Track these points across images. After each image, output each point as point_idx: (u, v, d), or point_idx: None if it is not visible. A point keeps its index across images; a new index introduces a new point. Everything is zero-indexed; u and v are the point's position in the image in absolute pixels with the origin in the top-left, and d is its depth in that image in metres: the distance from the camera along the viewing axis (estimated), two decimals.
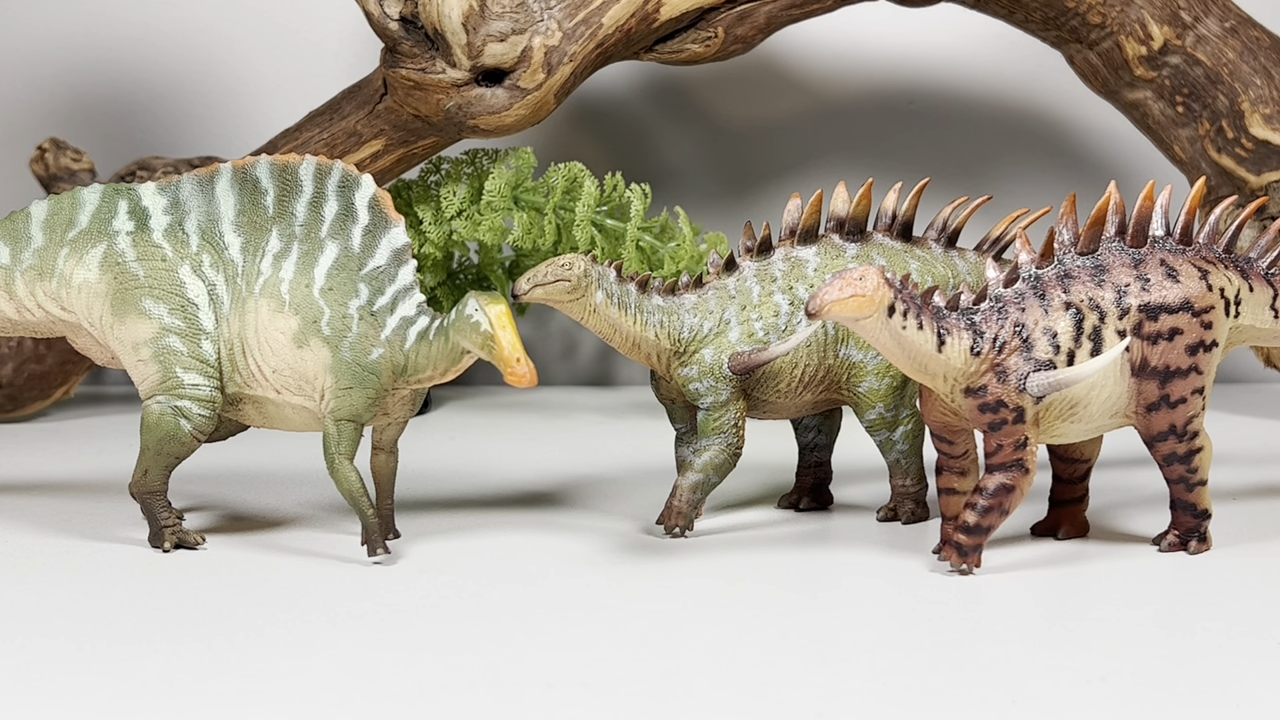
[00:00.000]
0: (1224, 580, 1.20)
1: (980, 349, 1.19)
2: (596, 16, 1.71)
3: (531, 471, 1.60)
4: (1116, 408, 1.23)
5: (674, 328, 1.32)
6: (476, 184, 1.83)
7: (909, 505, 1.38)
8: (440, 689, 0.97)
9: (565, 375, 2.21)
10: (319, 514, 1.41)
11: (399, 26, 1.67)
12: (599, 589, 1.19)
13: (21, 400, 1.89)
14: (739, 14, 1.77)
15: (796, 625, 1.09)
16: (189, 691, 0.97)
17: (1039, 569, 1.24)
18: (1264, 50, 1.83)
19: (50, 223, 1.32)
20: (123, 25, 2.17)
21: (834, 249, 1.35)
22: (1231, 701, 0.95)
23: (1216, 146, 1.83)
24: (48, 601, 1.16)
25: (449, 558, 1.27)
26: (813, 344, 1.33)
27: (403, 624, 1.10)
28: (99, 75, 2.17)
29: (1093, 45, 1.83)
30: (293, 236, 1.28)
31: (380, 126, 1.75)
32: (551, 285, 1.27)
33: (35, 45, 2.17)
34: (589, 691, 0.97)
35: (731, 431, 1.32)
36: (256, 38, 2.17)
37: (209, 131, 2.16)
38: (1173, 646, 1.05)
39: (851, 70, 2.18)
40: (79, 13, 2.17)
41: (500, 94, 1.69)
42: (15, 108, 2.17)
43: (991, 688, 0.97)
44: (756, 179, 2.20)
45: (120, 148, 2.14)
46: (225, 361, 1.28)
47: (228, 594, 1.17)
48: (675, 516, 1.32)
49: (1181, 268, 1.24)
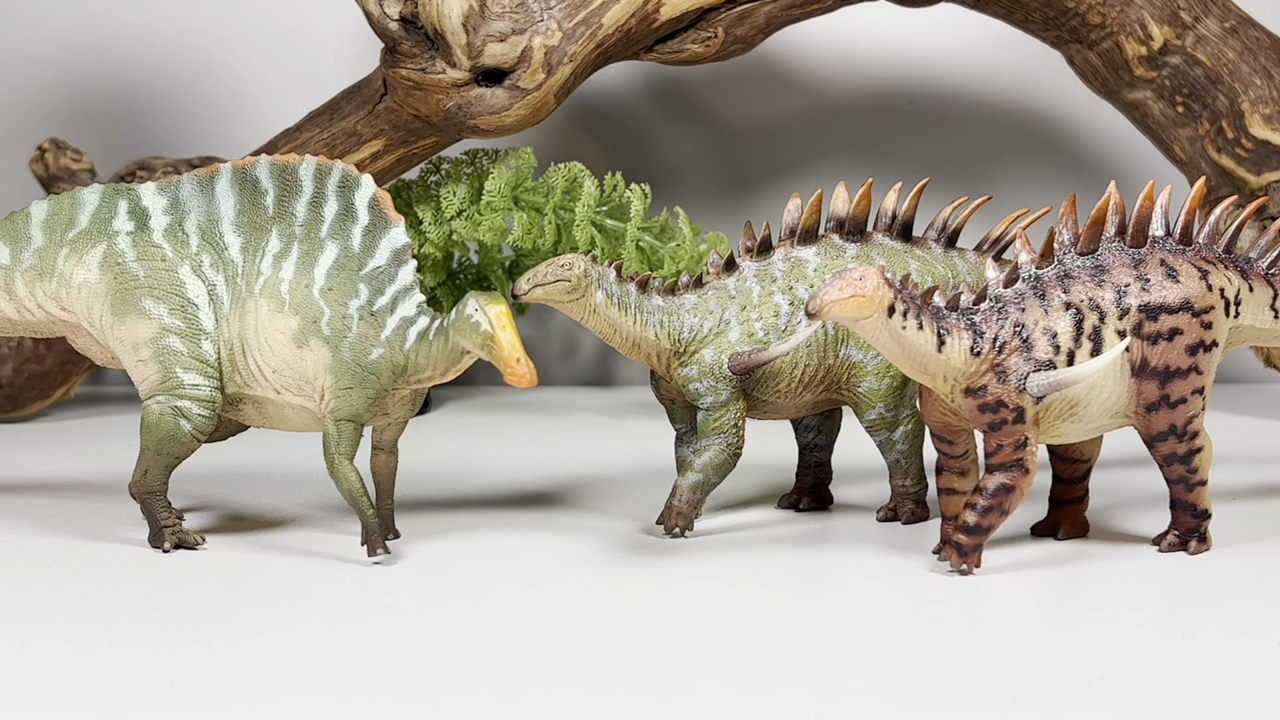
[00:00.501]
0: (1224, 580, 1.20)
1: (980, 349, 1.19)
2: (596, 16, 1.71)
3: (531, 471, 1.60)
4: (1116, 408, 1.23)
5: (674, 328, 1.32)
6: (476, 184, 1.83)
7: (909, 505, 1.38)
8: (440, 689, 0.97)
9: (565, 375, 2.21)
10: (319, 514, 1.41)
11: (399, 26, 1.67)
12: (599, 589, 1.19)
13: (21, 400, 1.89)
14: (739, 14, 1.77)
15: (796, 625, 1.09)
16: (189, 691, 0.97)
17: (1039, 569, 1.24)
18: (1264, 50, 1.83)
19: (50, 223, 1.32)
20: (123, 25, 2.17)
21: (834, 249, 1.35)
22: (1231, 701, 0.95)
23: (1216, 146, 1.83)
24: (48, 601, 1.16)
25: (449, 558, 1.27)
26: (813, 344, 1.33)
27: (403, 624, 1.10)
28: (99, 75, 2.17)
29: (1093, 45, 1.83)
30: (293, 236, 1.28)
31: (380, 126, 1.75)
32: (551, 285, 1.27)
33: (35, 45, 2.17)
34: (589, 691, 0.97)
35: (731, 431, 1.32)
36: (256, 38, 2.17)
37: (209, 131, 2.16)
38: (1173, 646, 1.05)
39: (851, 70, 2.18)
40: (79, 13, 2.17)
41: (500, 94, 1.69)
42: (15, 108, 2.17)
43: (991, 688, 0.97)
44: (756, 179, 2.20)
45: (120, 148, 2.14)
46: (225, 362, 1.28)
47: (228, 594, 1.17)
48: (675, 516, 1.32)
49: (1181, 268, 1.24)
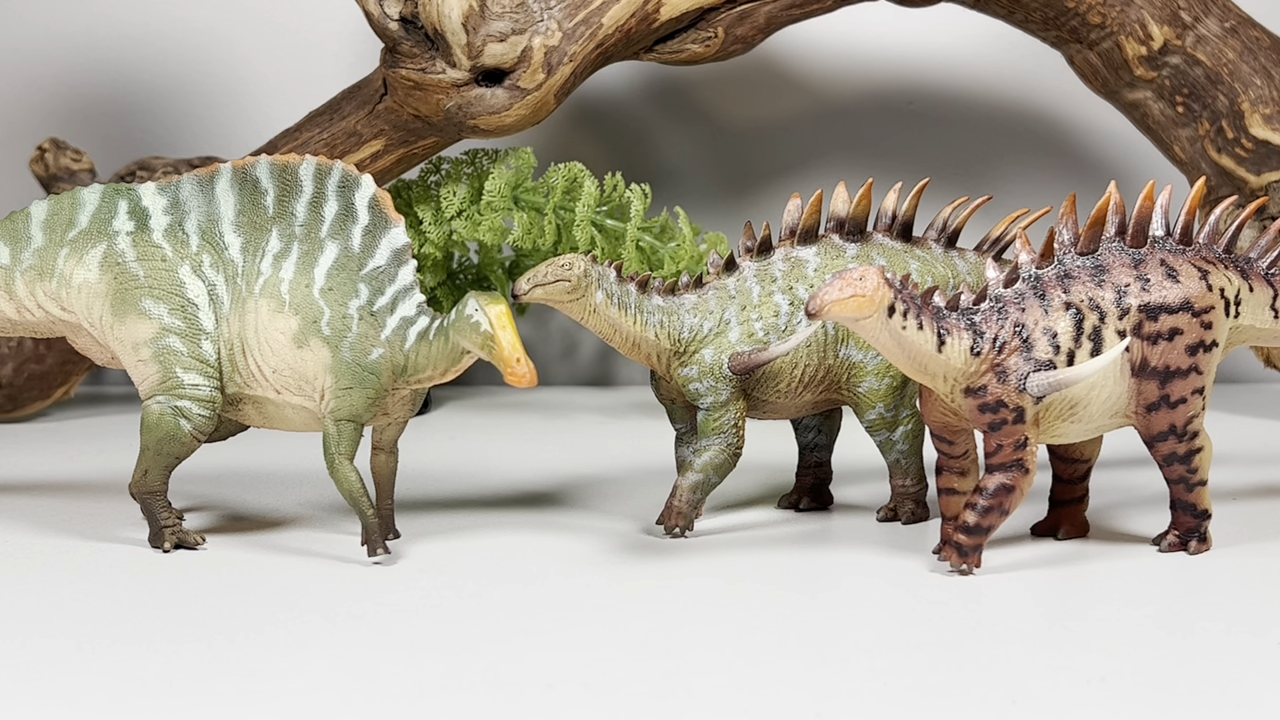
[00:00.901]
0: (1224, 580, 1.20)
1: (980, 349, 1.19)
2: (596, 16, 1.71)
3: (531, 471, 1.60)
4: (1116, 408, 1.23)
5: (674, 328, 1.32)
6: (476, 184, 1.83)
7: (909, 505, 1.38)
8: (440, 689, 0.97)
9: (565, 375, 2.21)
10: (319, 514, 1.41)
11: (399, 26, 1.67)
12: (599, 589, 1.19)
13: (21, 400, 1.89)
14: (739, 14, 1.77)
15: (796, 625, 1.09)
16: (189, 691, 0.97)
17: (1039, 569, 1.24)
18: (1264, 50, 1.83)
19: (50, 223, 1.32)
20: (123, 25, 2.17)
21: (834, 249, 1.35)
22: (1231, 701, 0.95)
23: (1216, 146, 1.83)
24: (48, 601, 1.16)
25: (449, 558, 1.27)
26: (813, 344, 1.33)
27: (403, 624, 1.10)
28: (99, 75, 2.17)
29: (1093, 45, 1.83)
30: (293, 236, 1.28)
31: (380, 126, 1.75)
32: (551, 285, 1.27)
33: (35, 45, 2.17)
34: (589, 691, 0.97)
35: (731, 431, 1.32)
36: (256, 38, 2.17)
37: (209, 131, 2.16)
38: (1173, 646, 1.05)
39: (851, 70, 2.18)
40: (79, 13, 2.17)
41: (500, 94, 1.69)
42: (15, 108, 2.17)
43: (991, 688, 0.97)
44: (756, 179, 2.20)
45: (120, 148, 2.14)
46: (225, 361, 1.28)
47: (228, 594, 1.17)
48: (675, 516, 1.32)
49: (1181, 268, 1.24)
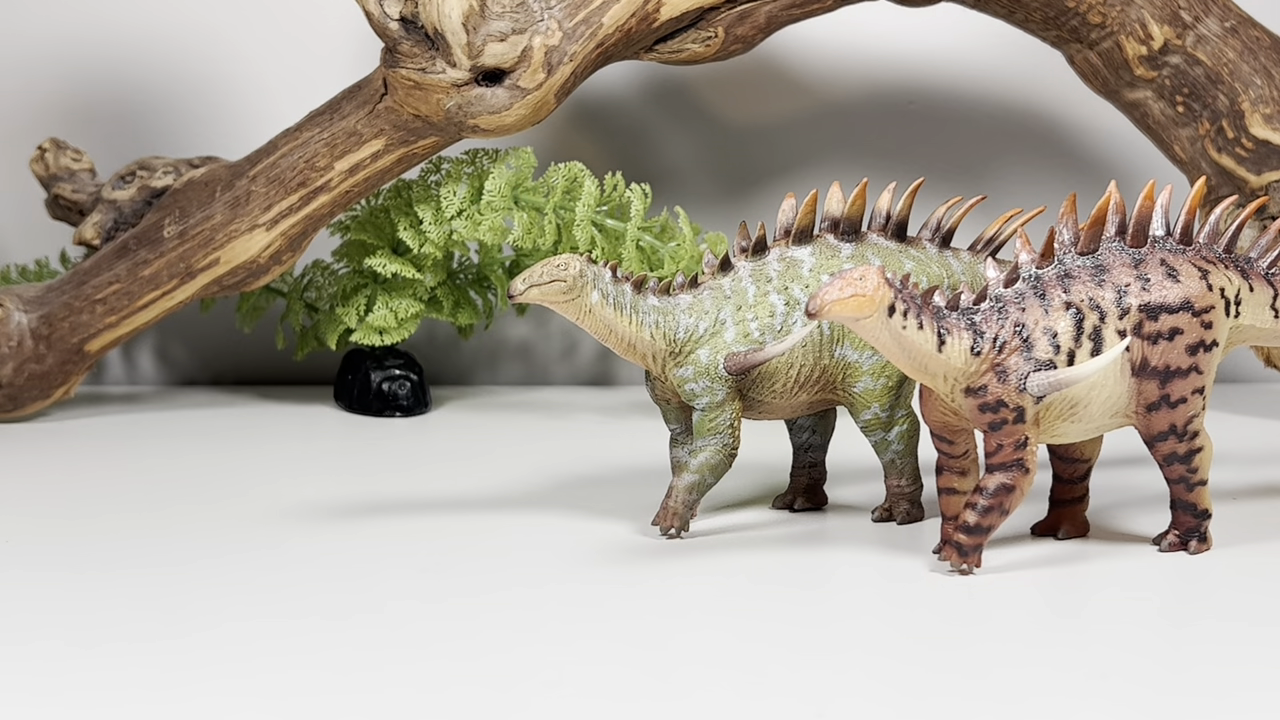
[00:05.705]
0: (1224, 580, 1.20)
1: (980, 349, 1.19)
2: (597, 16, 1.71)
3: (531, 471, 1.60)
4: (1117, 408, 1.23)
5: (669, 328, 1.31)
6: (476, 184, 1.83)
7: (904, 506, 1.37)
8: (441, 688, 0.97)
9: (565, 375, 2.21)
10: (322, 514, 1.41)
11: (399, 26, 1.67)
12: (599, 589, 1.19)
13: (21, 400, 1.89)
14: (739, 14, 1.77)
15: (795, 625, 1.09)
16: (189, 691, 0.97)
17: (1039, 569, 1.24)
18: (1264, 50, 1.83)
19: None
20: (123, 25, 2.17)
21: (829, 249, 1.35)
22: (1232, 701, 0.95)
23: (1217, 146, 1.82)
24: (49, 601, 1.16)
25: (449, 558, 1.27)
26: (808, 344, 1.33)
27: (403, 624, 1.10)
28: (99, 75, 2.17)
29: (1093, 45, 1.83)
30: None
31: (380, 126, 1.75)
32: (546, 285, 1.27)
33: (35, 45, 2.17)
34: (589, 691, 0.97)
35: (727, 432, 1.32)
36: (256, 38, 2.17)
37: (209, 131, 2.16)
38: (1173, 646, 1.05)
39: (851, 70, 2.18)
40: (79, 13, 2.17)
41: (500, 94, 1.69)
42: (15, 108, 2.17)
43: (991, 688, 0.97)
44: (756, 179, 2.20)
45: (120, 148, 2.14)
46: None
47: (227, 594, 1.17)
48: (670, 517, 1.32)
49: (1182, 267, 1.24)
